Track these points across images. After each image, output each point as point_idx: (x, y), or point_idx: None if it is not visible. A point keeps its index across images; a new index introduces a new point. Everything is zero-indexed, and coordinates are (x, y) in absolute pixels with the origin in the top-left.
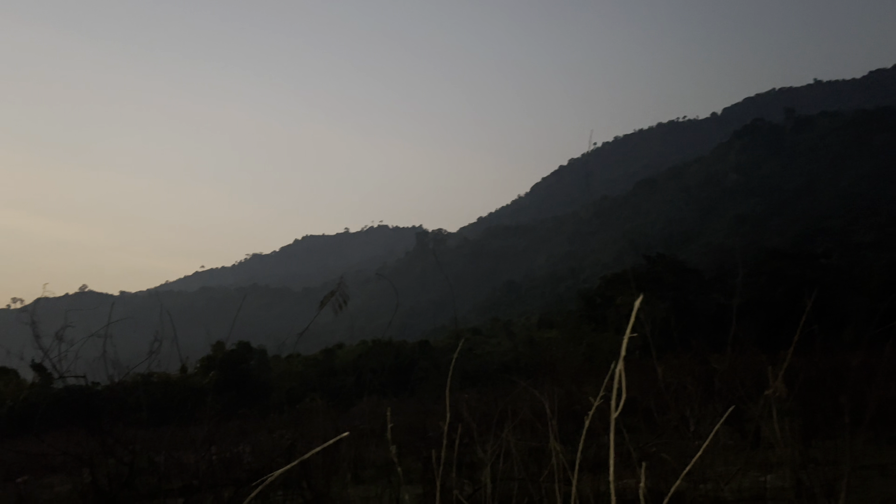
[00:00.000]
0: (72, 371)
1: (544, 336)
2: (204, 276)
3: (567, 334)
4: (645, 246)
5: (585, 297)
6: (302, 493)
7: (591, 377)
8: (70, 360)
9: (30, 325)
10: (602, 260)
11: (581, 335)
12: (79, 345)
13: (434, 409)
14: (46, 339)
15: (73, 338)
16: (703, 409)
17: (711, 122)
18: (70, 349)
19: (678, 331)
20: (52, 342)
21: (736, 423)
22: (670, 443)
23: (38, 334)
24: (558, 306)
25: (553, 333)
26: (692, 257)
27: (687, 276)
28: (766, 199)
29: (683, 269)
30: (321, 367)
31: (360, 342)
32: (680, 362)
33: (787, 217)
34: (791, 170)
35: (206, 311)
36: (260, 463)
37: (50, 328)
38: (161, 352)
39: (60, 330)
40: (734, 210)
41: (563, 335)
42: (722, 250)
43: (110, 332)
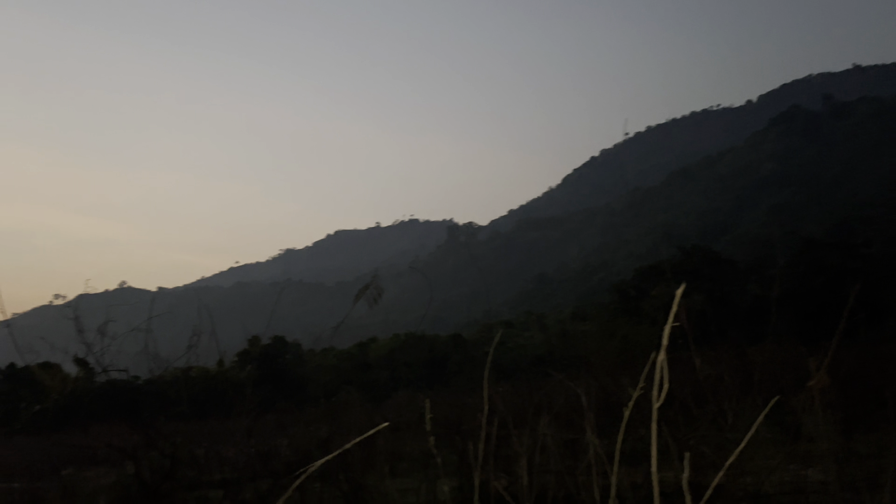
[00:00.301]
0: (114, 365)
1: (578, 329)
2: (238, 271)
3: (601, 327)
4: (679, 237)
5: (619, 289)
6: (339, 485)
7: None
8: (112, 354)
9: (73, 320)
10: (635, 252)
11: (615, 328)
12: (120, 339)
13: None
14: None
15: (115, 333)
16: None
17: (746, 109)
18: (112, 344)
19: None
20: (94, 337)
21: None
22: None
23: (81, 329)
24: (591, 299)
25: (587, 326)
26: (727, 248)
27: (722, 268)
28: (803, 188)
29: (719, 260)
30: (355, 361)
31: (393, 336)
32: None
33: (826, 206)
34: (829, 158)
35: (241, 306)
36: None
37: (91, 323)
38: (199, 346)
39: (102, 325)
40: (770, 200)
41: (596, 328)
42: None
43: (149, 326)
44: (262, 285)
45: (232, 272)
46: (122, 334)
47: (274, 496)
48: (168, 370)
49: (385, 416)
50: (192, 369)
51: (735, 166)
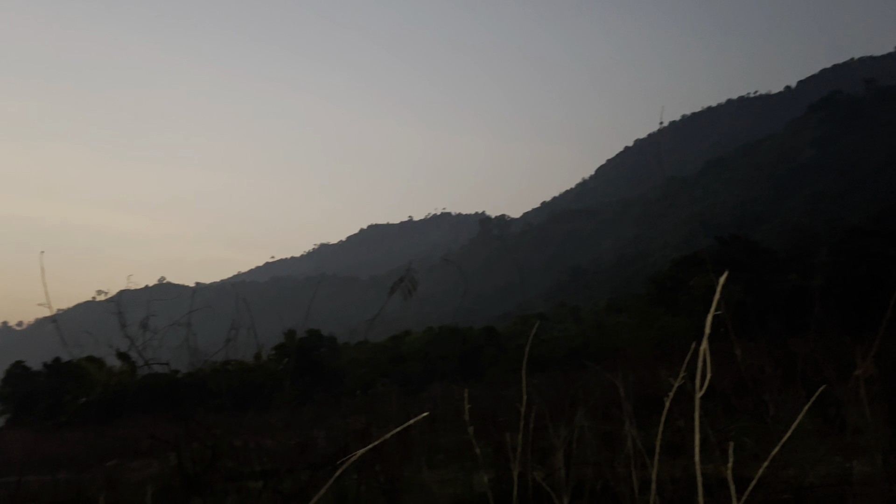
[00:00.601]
0: (156, 359)
1: (613, 321)
2: (274, 266)
3: (637, 319)
4: (716, 227)
5: (655, 280)
6: (376, 476)
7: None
8: (153, 348)
9: (116, 315)
10: (671, 242)
11: (651, 319)
12: (161, 334)
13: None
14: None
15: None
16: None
17: (785, 96)
18: (153, 338)
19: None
20: (136, 331)
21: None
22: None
23: (123, 324)
24: (627, 290)
25: (622, 318)
26: (766, 238)
27: (761, 257)
28: (844, 176)
29: (757, 249)
30: (389, 354)
31: (426, 329)
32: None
33: (868, 193)
34: (871, 144)
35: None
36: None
37: (133, 318)
38: (237, 340)
39: (144, 319)
40: (810, 188)
41: (632, 319)
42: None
43: (189, 321)
44: (296, 280)
45: (267, 267)
46: (163, 328)
47: (312, 487)
48: (207, 363)
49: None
50: (230, 363)
51: (773, 154)
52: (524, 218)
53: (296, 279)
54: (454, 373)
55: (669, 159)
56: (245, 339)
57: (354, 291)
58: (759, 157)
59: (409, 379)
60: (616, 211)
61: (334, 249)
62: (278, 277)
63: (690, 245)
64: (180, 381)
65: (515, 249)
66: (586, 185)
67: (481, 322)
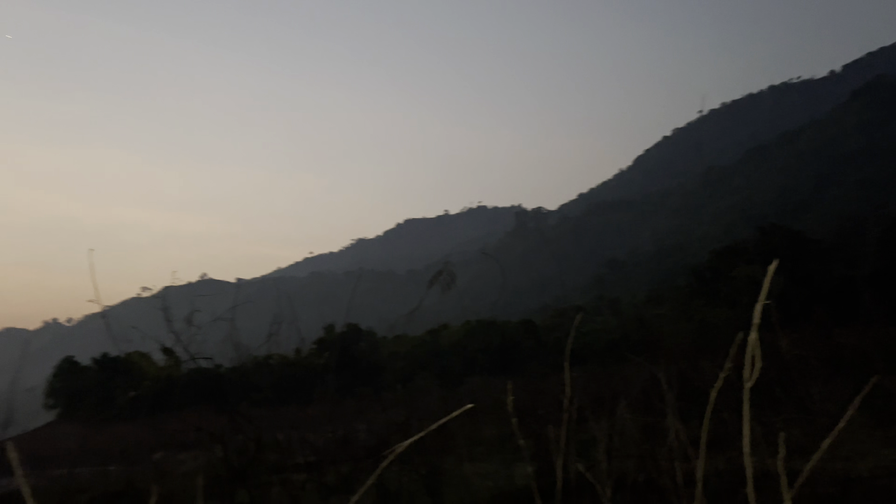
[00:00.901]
0: (200, 353)
1: (653, 313)
2: (313, 261)
3: (677, 310)
4: (757, 217)
5: (695, 271)
6: (417, 468)
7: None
8: (198, 343)
9: (162, 310)
10: (711, 233)
11: (691, 311)
12: (205, 329)
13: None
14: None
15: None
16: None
17: (829, 81)
18: (198, 333)
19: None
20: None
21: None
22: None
23: (169, 319)
24: (666, 282)
25: (662, 310)
26: (809, 227)
27: (804, 247)
28: (891, 162)
29: (800, 239)
30: (427, 348)
31: (464, 322)
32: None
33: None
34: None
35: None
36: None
37: (177, 313)
38: (279, 334)
39: (189, 315)
40: (855, 175)
41: (672, 312)
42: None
43: (233, 316)
44: (335, 275)
45: (307, 262)
46: (207, 323)
47: (354, 479)
48: (250, 358)
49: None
50: (272, 357)
51: (817, 141)
52: (561, 210)
53: (334, 274)
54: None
55: (709, 148)
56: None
57: (391, 286)
58: (801, 144)
59: (447, 373)
60: (655, 202)
61: (371, 244)
62: (317, 272)
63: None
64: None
65: (552, 242)
66: (624, 176)
67: (519, 315)
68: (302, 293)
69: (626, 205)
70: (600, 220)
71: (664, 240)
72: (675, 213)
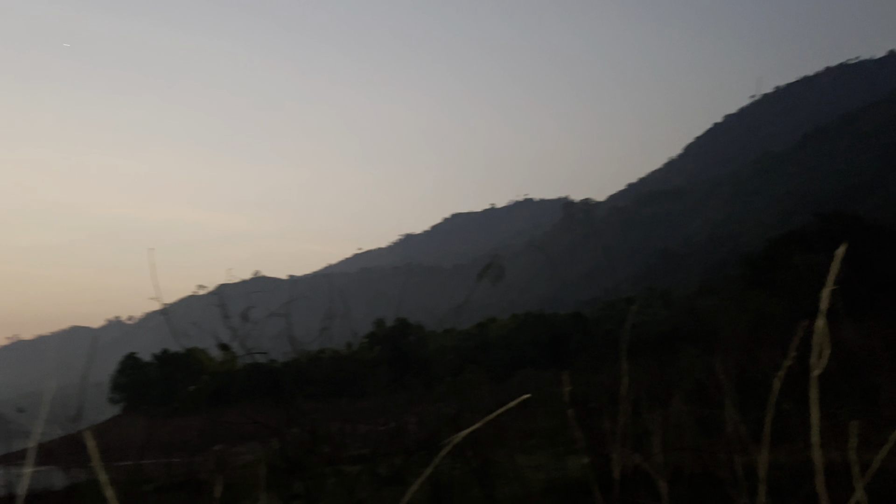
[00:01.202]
0: (256, 348)
1: (705, 304)
2: (361, 258)
3: (731, 301)
4: (815, 203)
5: (750, 260)
6: (468, 461)
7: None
8: (254, 338)
9: (219, 307)
10: (765, 221)
11: (747, 301)
12: (261, 324)
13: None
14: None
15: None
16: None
17: (888, 60)
18: (253, 328)
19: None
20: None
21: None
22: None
23: (226, 315)
24: (719, 272)
25: (715, 300)
26: (872, 212)
27: (867, 233)
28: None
29: (863, 225)
30: (476, 341)
31: (512, 316)
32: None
33: None
34: None
35: (364, 292)
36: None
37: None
38: (331, 329)
39: (245, 311)
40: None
41: (726, 302)
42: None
43: (287, 311)
44: (383, 270)
45: (356, 258)
46: (262, 319)
47: (407, 471)
48: (303, 352)
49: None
50: (324, 351)
51: (878, 123)
52: (609, 201)
53: (383, 270)
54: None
55: (763, 134)
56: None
57: (439, 280)
58: (862, 126)
59: (495, 366)
60: (706, 190)
61: (419, 239)
62: (366, 268)
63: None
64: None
65: (601, 234)
66: (674, 165)
67: (567, 308)
68: (351, 289)
69: (677, 194)
70: (650, 210)
71: (716, 229)
72: (728, 201)
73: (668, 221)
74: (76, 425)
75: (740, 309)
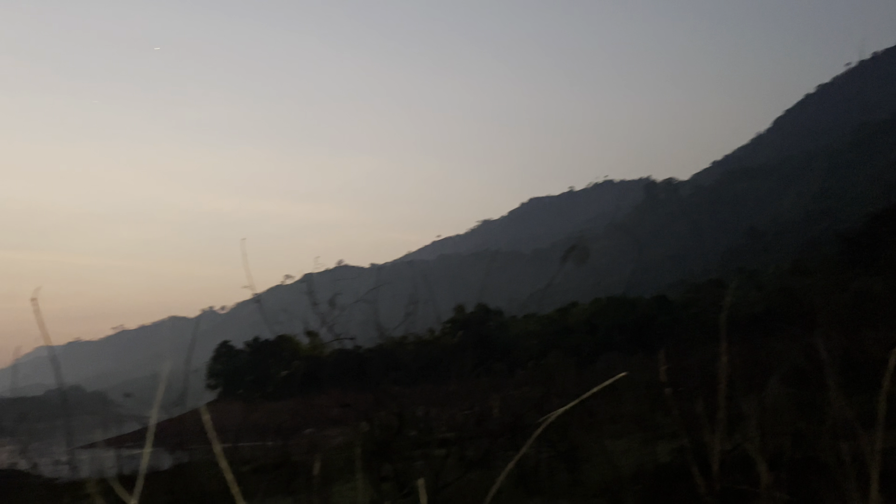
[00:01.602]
0: (344, 334)
1: (799, 284)
2: (440, 244)
3: (827, 281)
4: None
5: (848, 238)
6: (555, 445)
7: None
8: (341, 325)
9: (307, 294)
10: (865, 196)
11: (845, 281)
12: (347, 311)
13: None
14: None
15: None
16: None
17: None
18: (340, 315)
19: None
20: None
21: None
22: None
23: (315, 302)
24: (813, 251)
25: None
26: None
27: None
28: None
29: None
30: (557, 326)
31: (594, 300)
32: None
33: None
34: None
35: (444, 278)
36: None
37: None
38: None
39: (332, 298)
40: None
41: (822, 282)
42: None
43: (373, 298)
44: (462, 257)
45: (434, 245)
46: (348, 306)
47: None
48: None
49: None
50: (407, 336)
51: None
52: (694, 180)
53: (461, 256)
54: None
55: (861, 104)
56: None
57: (518, 266)
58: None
59: (577, 350)
60: (798, 165)
61: (496, 225)
62: (445, 255)
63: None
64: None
65: (686, 214)
66: (762, 139)
67: (650, 291)
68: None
69: (766, 170)
70: (737, 187)
71: (810, 205)
72: (822, 175)
73: (757, 199)
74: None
75: (839, 289)
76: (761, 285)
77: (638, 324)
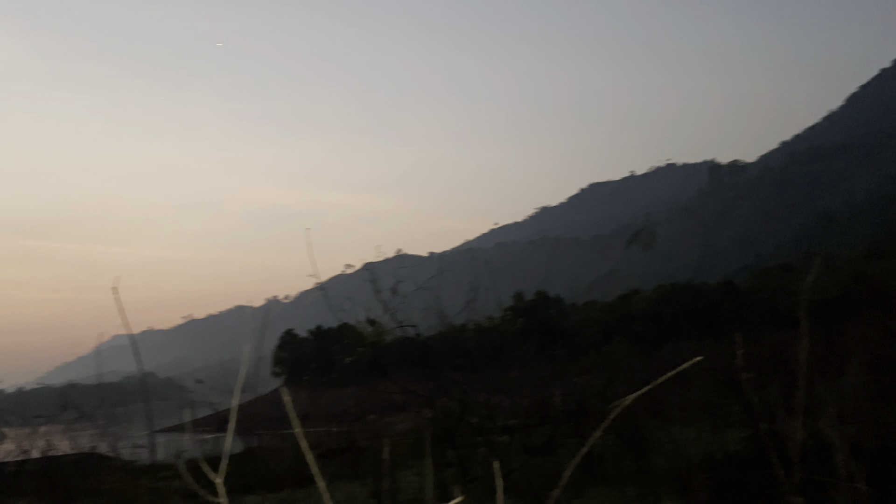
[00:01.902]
0: (407, 321)
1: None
2: (498, 232)
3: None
4: None
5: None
6: (620, 433)
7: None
8: (404, 311)
9: (370, 282)
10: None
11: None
12: (409, 298)
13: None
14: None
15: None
16: None
17: None
18: (402, 302)
19: None
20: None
21: None
22: None
23: (377, 290)
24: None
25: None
26: None
27: None
28: None
29: None
30: (618, 313)
31: (657, 287)
32: None
33: None
34: None
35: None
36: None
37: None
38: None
39: (394, 286)
40: None
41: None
42: None
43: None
44: (520, 244)
45: (492, 233)
46: (410, 294)
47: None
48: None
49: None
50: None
51: None
52: (761, 161)
53: (519, 243)
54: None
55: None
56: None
57: (576, 252)
58: None
59: (641, 338)
60: (873, 144)
61: (555, 211)
62: (502, 243)
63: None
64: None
65: (752, 197)
66: (834, 118)
67: (715, 277)
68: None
69: (838, 150)
70: (807, 169)
71: (886, 186)
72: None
73: (828, 181)
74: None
75: None
76: (834, 269)
77: (703, 311)
